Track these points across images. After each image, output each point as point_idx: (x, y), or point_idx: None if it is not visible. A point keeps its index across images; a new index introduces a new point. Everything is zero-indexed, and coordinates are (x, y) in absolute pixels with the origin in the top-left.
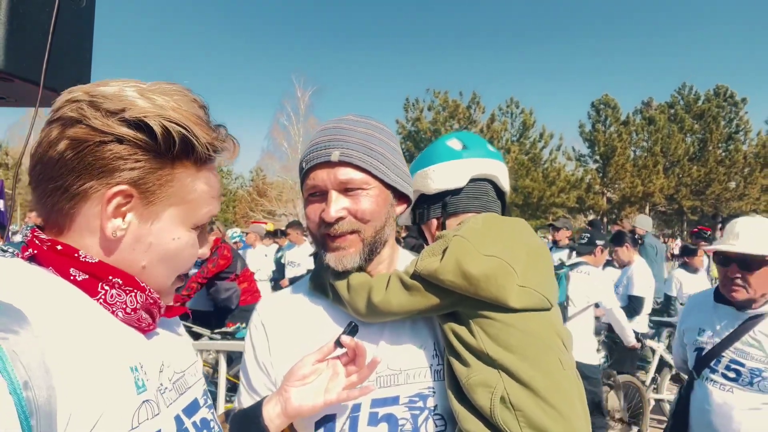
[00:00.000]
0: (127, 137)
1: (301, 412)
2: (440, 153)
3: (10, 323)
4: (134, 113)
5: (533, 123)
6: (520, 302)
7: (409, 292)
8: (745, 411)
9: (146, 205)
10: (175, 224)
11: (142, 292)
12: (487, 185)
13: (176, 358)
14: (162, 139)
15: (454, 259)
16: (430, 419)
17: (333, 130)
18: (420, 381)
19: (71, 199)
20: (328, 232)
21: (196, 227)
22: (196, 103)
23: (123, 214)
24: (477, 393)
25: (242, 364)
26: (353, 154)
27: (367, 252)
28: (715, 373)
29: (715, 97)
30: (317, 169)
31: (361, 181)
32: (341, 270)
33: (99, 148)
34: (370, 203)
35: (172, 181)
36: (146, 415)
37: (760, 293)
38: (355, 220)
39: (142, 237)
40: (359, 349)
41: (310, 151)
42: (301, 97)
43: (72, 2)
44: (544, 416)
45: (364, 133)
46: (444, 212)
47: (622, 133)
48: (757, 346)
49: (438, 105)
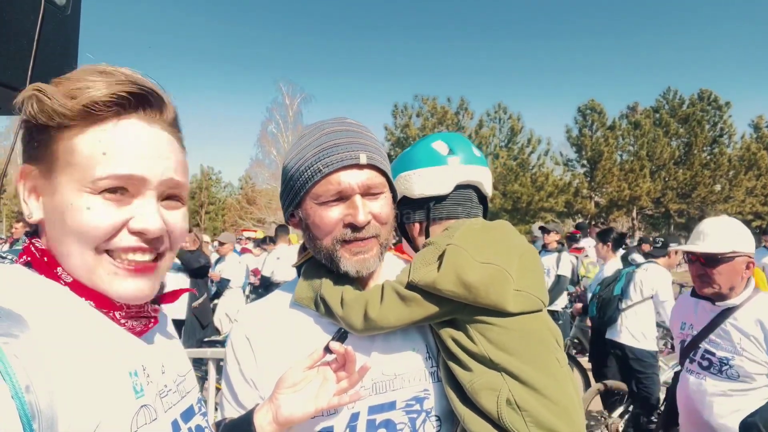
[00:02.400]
0: (25, 120)
1: (292, 419)
2: (425, 156)
3: (10, 328)
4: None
5: (521, 128)
6: (518, 306)
7: (405, 303)
8: (716, 397)
9: (45, 179)
10: (71, 190)
11: (118, 310)
12: (470, 192)
13: (176, 362)
14: (28, 109)
15: (452, 269)
16: (428, 421)
17: (346, 133)
18: (415, 384)
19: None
20: (351, 237)
21: (101, 191)
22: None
23: (36, 195)
24: (482, 397)
25: (225, 378)
26: (376, 158)
27: (382, 254)
28: (693, 363)
29: (699, 101)
30: (341, 171)
31: (382, 185)
32: (363, 275)
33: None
34: (388, 206)
35: (51, 144)
36: (144, 419)
37: (726, 288)
38: (377, 224)
39: (50, 212)
40: (349, 355)
41: (327, 153)
42: (290, 105)
43: (57, 9)
44: (550, 414)
45: (370, 137)
46: (428, 218)
47: (609, 137)
48: (726, 337)
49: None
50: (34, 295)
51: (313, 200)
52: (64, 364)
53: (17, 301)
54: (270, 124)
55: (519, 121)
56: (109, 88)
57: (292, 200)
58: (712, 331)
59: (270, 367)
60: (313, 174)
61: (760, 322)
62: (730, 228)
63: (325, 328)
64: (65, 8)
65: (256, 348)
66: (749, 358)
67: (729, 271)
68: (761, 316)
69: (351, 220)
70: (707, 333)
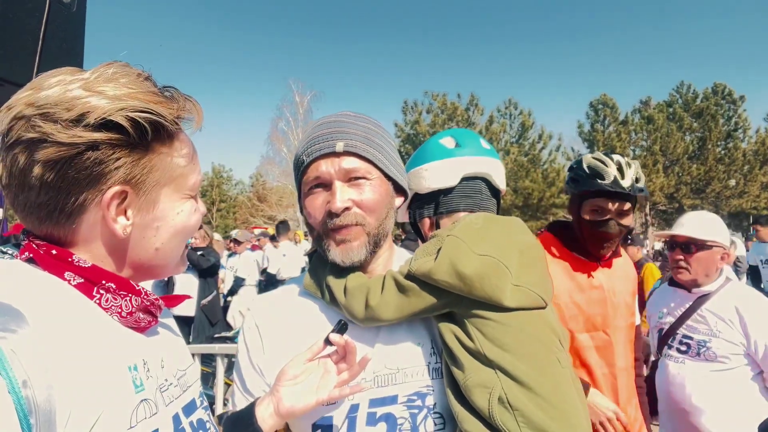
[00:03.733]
0: (99, 141)
1: (294, 411)
2: (433, 151)
3: (8, 323)
4: (96, 116)
5: (532, 124)
6: (515, 301)
7: (404, 293)
8: (696, 379)
9: (141, 196)
10: (173, 201)
11: (137, 295)
12: (480, 183)
13: (177, 357)
14: (134, 131)
15: (447, 259)
16: (429, 418)
17: (333, 124)
18: (418, 379)
19: (69, 216)
20: (332, 225)
21: (193, 194)
22: (142, 77)
23: (124, 211)
24: (475, 394)
25: (236, 366)
26: (357, 145)
27: (372, 244)
28: (671, 349)
29: (714, 95)
30: (320, 160)
31: (365, 171)
32: (348, 264)
33: (76, 160)
34: (374, 193)
35: (155, 165)
36: (144, 414)
37: (702, 274)
38: (360, 211)
39: (148, 225)
40: (349, 346)
41: (311, 143)
42: (300, 102)
43: (62, 6)
44: (543, 415)
45: (364, 126)
46: (437, 211)
47: (621, 132)
48: (703, 321)
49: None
50: (33, 290)
51: (303, 190)
52: (62, 358)
53: (16, 296)
54: (280, 121)
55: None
56: (198, 111)
57: (298, 191)
58: (690, 317)
59: (277, 355)
60: (300, 165)
61: (737, 308)
62: (711, 220)
63: (332, 317)
64: (71, 5)
65: (264, 336)
66: (726, 339)
67: (706, 259)
68: (738, 303)
69: (329, 207)
70: (685, 319)
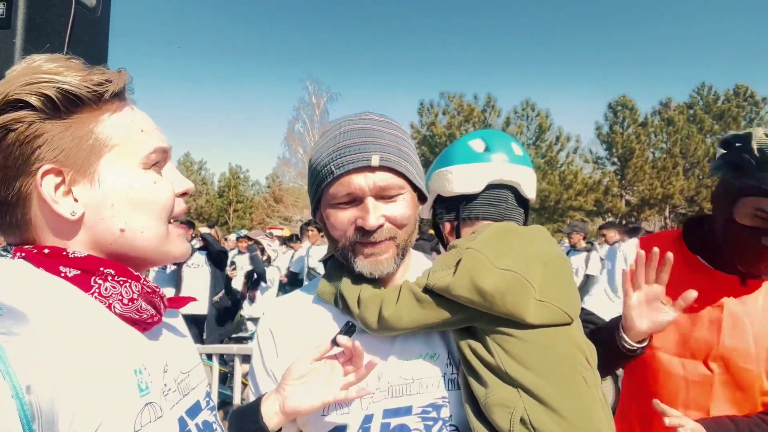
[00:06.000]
0: (10, 122)
1: (299, 410)
2: (460, 153)
3: (12, 326)
4: (1, 96)
5: (549, 126)
6: (539, 318)
7: (420, 305)
8: None
9: (80, 171)
10: (122, 173)
11: (136, 281)
12: (506, 192)
13: (180, 360)
14: (40, 104)
15: (467, 274)
16: (444, 430)
17: (364, 132)
18: (433, 390)
19: (16, 207)
20: (364, 241)
21: (151, 165)
22: (60, 59)
23: (68, 191)
24: (496, 413)
25: (250, 370)
26: (392, 159)
27: (401, 256)
28: None
29: (735, 97)
30: (352, 174)
31: (398, 187)
32: (377, 276)
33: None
34: (406, 208)
35: (82, 134)
36: (149, 417)
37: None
38: (392, 227)
39: (99, 202)
40: (356, 349)
41: (341, 153)
42: (316, 104)
43: (87, 11)
44: None
45: (392, 134)
46: (458, 218)
47: (641, 134)
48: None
49: (453, 109)
50: (36, 290)
51: (328, 201)
52: (66, 362)
53: (19, 298)
54: (296, 122)
55: (547, 118)
56: (120, 74)
57: (314, 198)
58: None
59: (290, 359)
60: (326, 175)
61: None
62: None
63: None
64: (95, 10)
65: (278, 340)
66: None
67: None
68: None
69: (361, 224)
70: None
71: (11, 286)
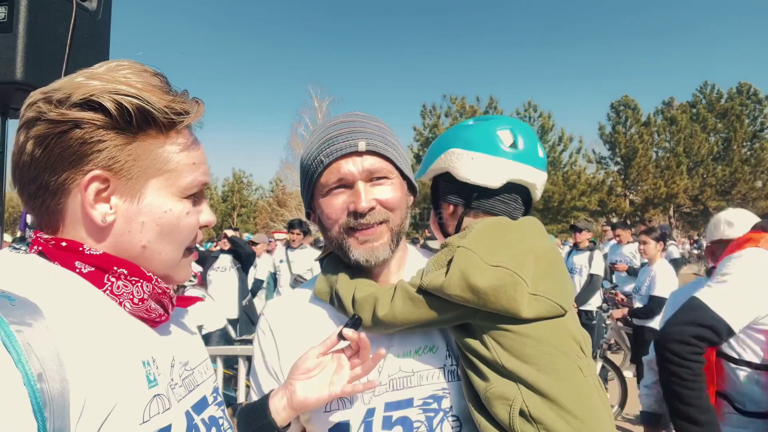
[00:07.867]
0: (83, 120)
1: (307, 404)
2: (486, 141)
3: (24, 316)
4: (80, 94)
5: (552, 126)
6: (533, 312)
7: (415, 305)
8: None
9: (126, 184)
10: (162, 196)
11: (148, 281)
12: (519, 191)
13: (187, 355)
14: (117, 114)
15: (459, 273)
16: (446, 421)
17: (348, 123)
18: (433, 382)
19: (54, 195)
20: (357, 225)
21: (188, 196)
22: (147, 72)
23: (107, 198)
24: (495, 406)
25: (252, 369)
26: (378, 144)
27: (395, 242)
28: None
29: (738, 95)
30: (341, 160)
31: (387, 170)
32: (373, 263)
33: (62, 138)
34: (396, 191)
35: (142, 153)
36: (157, 409)
37: None
38: (384, 210)
39: (132, 217)
40: (362, 342)
41: (329, 143)
42: (319, 107)
43: (88, 15)
44: (568, 427)
45: (377, 125)
46: (466, 206)
47: (644, 134)
48: None
49: (455, 111)
50: (49, 283)
51: (320, 192)
52: (77, 352)
53: (32, 290)
54: (300, 126)
55: (550, 119)
56: (198, 107)
57: (306, 194)
58: None
59: (292, 359)
60: (317, 165)
61: None
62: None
63: (344, 321)
64: (96, 13)
65: (278, 340)
66: None
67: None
68: None
69: (354, 207)
70: None
71: (25, 279)
